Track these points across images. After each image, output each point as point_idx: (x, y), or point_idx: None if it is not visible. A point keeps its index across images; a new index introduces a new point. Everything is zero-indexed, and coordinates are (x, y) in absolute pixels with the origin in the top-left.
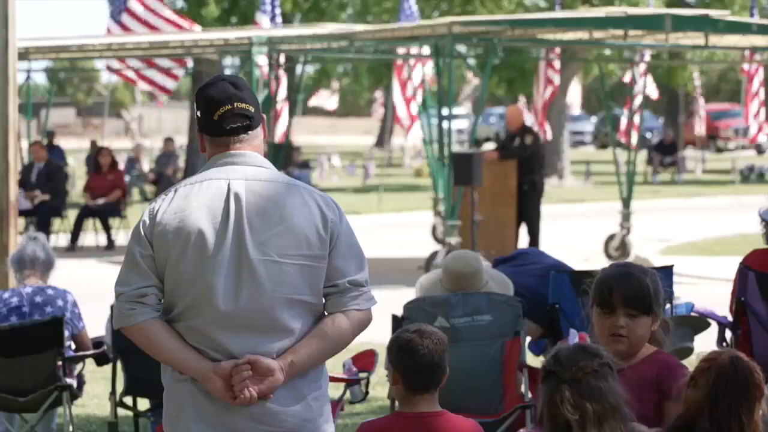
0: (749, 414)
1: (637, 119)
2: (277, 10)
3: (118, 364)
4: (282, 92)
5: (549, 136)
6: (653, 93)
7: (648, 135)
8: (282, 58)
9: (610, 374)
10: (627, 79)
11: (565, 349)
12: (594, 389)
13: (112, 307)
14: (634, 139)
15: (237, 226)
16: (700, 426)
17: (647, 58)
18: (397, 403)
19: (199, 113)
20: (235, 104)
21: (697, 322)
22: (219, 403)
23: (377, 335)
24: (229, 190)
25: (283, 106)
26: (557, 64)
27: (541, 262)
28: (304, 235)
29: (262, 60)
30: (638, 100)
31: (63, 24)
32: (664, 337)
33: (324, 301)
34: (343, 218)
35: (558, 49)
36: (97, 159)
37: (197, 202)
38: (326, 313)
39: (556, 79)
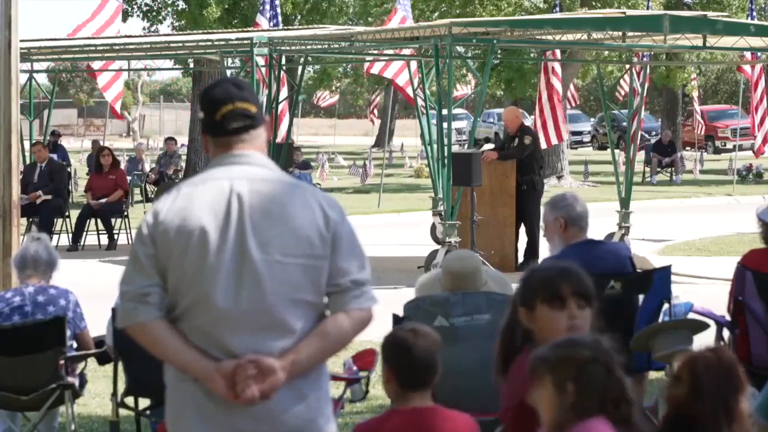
0: (735, 400)
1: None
2: (277, 9)
3: (119, 366)
4: (284, 93)
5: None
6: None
7: (646, 135)
8: (282, 59)
9: None
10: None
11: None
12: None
13: (113, 309)
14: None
15: (239, 225)
16: (688, 417)
17: (645, 59)
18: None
19: (202, 114)
20: (237, 104)
21: (695, 324)
22: (221, 402)
23: (377, 334)
24: (231, 190)
25: (284, 106)
26: (557, 66)
27: None
28: (306, 235)
29: (262, 60)
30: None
31: (65, 25)
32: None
33: (326, 300)
34: (345, 219)
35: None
36: (99, 159)
37: (200, 202)
38: (328, 313)
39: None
